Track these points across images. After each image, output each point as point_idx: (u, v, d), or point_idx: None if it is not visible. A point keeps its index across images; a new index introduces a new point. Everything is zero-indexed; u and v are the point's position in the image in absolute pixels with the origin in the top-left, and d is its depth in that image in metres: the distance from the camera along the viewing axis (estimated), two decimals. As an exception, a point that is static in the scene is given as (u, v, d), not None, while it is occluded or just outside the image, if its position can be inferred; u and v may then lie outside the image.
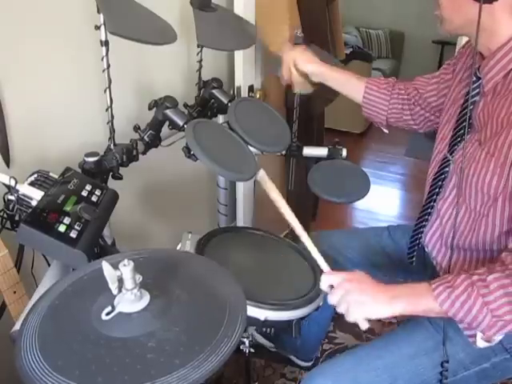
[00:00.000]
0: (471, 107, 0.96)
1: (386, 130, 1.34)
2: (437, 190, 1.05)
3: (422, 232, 1.11)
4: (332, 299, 0.89)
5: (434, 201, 1.07)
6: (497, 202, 0.90)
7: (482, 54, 0.94)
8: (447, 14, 0.92)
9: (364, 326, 0.87)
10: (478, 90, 0.95)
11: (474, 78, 0.95)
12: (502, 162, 0.87)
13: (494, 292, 0.80)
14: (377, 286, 0.88)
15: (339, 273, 0.91)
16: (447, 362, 0.95)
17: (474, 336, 0.93)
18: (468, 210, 0.97)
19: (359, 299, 0.86)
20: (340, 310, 0.88)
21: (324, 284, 0.91)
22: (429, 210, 1.08)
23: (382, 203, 2.96)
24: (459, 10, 0.89)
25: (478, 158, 0.91)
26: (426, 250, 1.11)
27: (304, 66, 1.24)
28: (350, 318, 0.87)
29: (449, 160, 1.02)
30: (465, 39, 1.05)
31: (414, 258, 1.16)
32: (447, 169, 1.03)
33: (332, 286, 0.91)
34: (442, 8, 0.92)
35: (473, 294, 0.81)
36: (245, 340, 1.13)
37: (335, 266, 1.10)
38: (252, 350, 1.16)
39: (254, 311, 0.97)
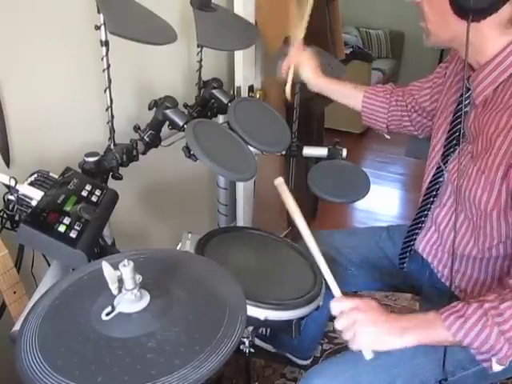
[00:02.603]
0: (463, 118, 0.96)
1: (387, 136, 1.34)
2: (431, 198, 1.05)
3: (414, 239, 1.11)
4: (339, 325, 0.87)
5: (429, 209, 1.07)
6: (491, 216, 0.91)
7: (471, 66, 0.94)
8: (433, 29, 0.91)
9: (368, 355, 0.85)
10: (469, 101, 0.95)
11: (465, 89, 0.95)
12: (492, 179, 0.87)
13: (509, 320, 0.79)
14: (386, 316, 0.86)
15: (349, 300, 0.89)
16: (446, 380, 0.95)
17: (489, 361, 0.92)
18: (467, 219, 0.97)
19: (368, 330, 0.85)
20: (345, 337, 0.86)
21: (334, 310, 0.89)
22: (422, 218, 1.09)
23: (381, 203, 2.96)
24: (446, 25, 0.88)
25: (470, 172, 0.92)
26: (422, 256, 1.11)
27: (303, 73, 1.25)
28: (355, 347, 0.85)
29: (442, 170, 1.02)
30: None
31: (405, 264, 1.16)
32: (441, 178, 1.03)
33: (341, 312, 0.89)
34: (428, 22, 0.91)
35: (487, 324, 0.80)
36: (245, 340, 1.13)
37: (335, 265, 1.10)
38: (252, 350, 1.16)
39: (254, 311, 0.97)
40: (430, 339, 0.85)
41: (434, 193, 1.05)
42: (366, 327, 0.85)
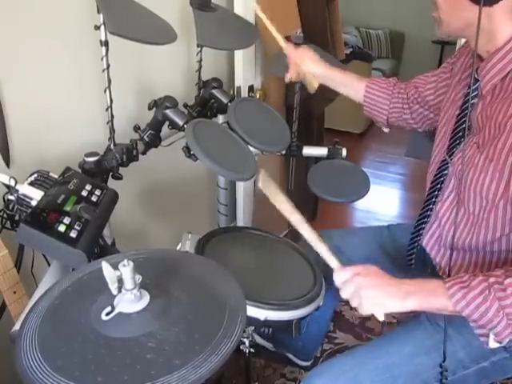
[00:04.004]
0: (470, 110, 0.96)
1: (386, 130, 1.34)
2: (436, 192, 1.05)
3: (421, 234, 1.11)
4: (344, 294, 0.88)
5: (433, 203, 1.07)
6: (497, 206, 0.90)
7: (481, 56, 0.94)
8: (445, 17, 0.92)
9: (380, 317, 0.85)
10: (476, 92, 0.95)
11: (473, 81, 0.95)
12: (501, 166, 0.86)
13: (510, 296, 0.79)
14: (389, 280, 0.87)
15: (350, 267, 0.90)
16: (444, 361, 0.95)
17: (487, 336, 0.92)
18: (467, 213, 0.96)
19: (371, 294, 0.85)
20: (353, 304, 0.87)
21: (338, 281, 0.90)
22: (428, 213, 1.08)
23: (381, 203, 2.96)
24: (458, 12, 0.88)
25: (477, 162, 0.91)
26: (425, 250, 1.11)
27: (307, 66, 1.24)
28: (363, 312, 0.86)
29: (447, 162, 1.02)
30: (464, 39, 1.05)
31: (413, 260, 1.16)
32: (446, 171, 1.02)
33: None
34: (440, 10, 0.92)
35: (489, 297, 0.80)
36: (245, 340, 1.13)
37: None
38: (252, 350, 1.16)
39: (253, 311, 0.97)
40: (431, 306, 0.85)
41: (439, 186, 1.05)
42: (369, 291, 0.85)
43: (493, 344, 0.90)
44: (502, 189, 0.88)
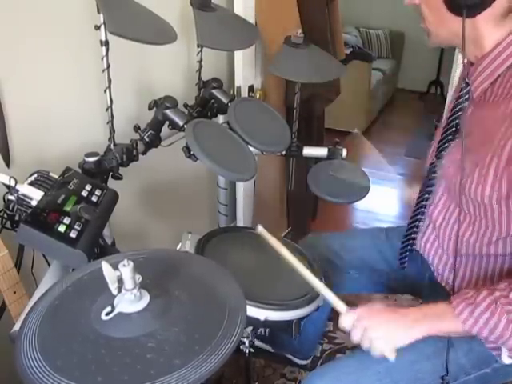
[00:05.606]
0: (460, 113, 0.97)
1: None
2: (426, 195, 1.05)
3: (413, 238, 1.11)
4: (354, 338, 0.88)
5: (424, 206, 1.06)
6: (492, 207, 0.90)
7: (471, 62, 0.94)
8: (433, 28, 0.93)
9: (391, 356, 0.85)
10: (467, 97, 0.96)
11: (464, 85, 0.95)
12: (485, 171, 0.87)
13: None
14: (393, 313, 0.87)
15: (354, 310, 0.89)
16: (447, 374, 0.95)
17: (499, 350, 0.92)
18: (463, 212, 0.96)
19: (379, 333, 0.85)
20: (364, 346, 0.87)
21: (345, 325, 0.89)
22: (419, 216, 1.08)
23: (381, 203, 2.96)
24: (443, 23, 0.90)
25: (464, 166, 0.91)
26: (422, 255, 1.11)
27: None
28: (376, 353, 0.86)
29: (436, 165, 1.02)
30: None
31: (405, 264, 1.16)
32: (435, 174, 1.03)
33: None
34: (427, 22, 0.93)
35: (496, 312, 0.80)
36: (245, 340, 1.13)
37: (334, 268, 1.09)
38: (252, 350, 1.16)
39: (253, 311, 0.97)
40: (441, 329, 0.85)
41: (429, 189, 1.05)
42: (376, 331, 0.85)
43: (507, 360, 0.90)
44: (488, 192, 0.88)
